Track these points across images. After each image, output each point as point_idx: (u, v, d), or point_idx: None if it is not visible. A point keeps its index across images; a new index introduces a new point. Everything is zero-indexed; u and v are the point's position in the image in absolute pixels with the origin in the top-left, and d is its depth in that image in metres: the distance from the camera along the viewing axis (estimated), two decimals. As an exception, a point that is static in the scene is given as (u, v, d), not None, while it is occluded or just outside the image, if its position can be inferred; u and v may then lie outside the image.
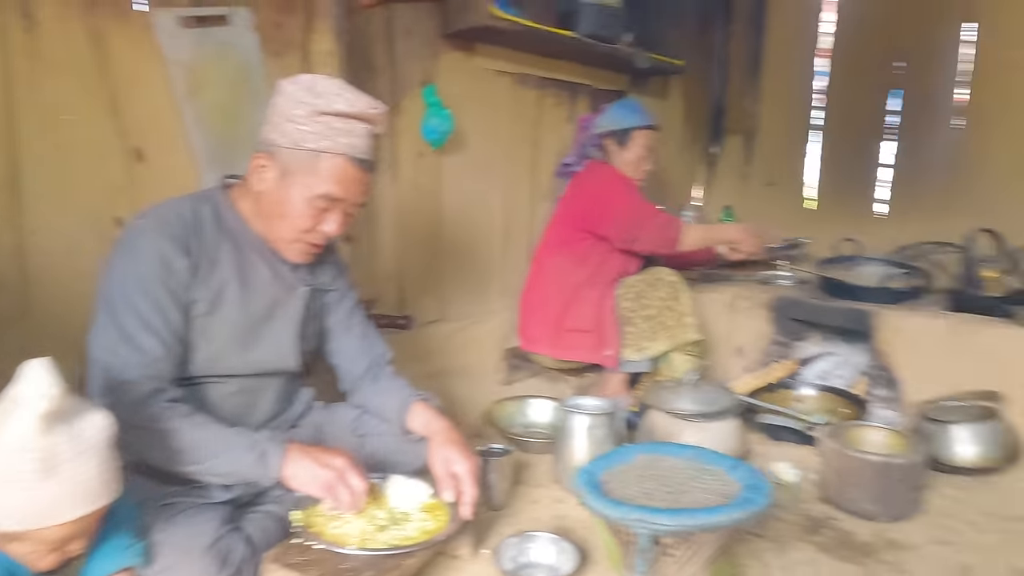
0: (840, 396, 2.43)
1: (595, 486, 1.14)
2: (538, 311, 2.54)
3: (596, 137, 2.63)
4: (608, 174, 2.55)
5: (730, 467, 1.20)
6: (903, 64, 3.20)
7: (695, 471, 1.21)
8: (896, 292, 2.58)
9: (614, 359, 2.37)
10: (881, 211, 3.34)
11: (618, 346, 2.35)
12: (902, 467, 1.69)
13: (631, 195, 2.49)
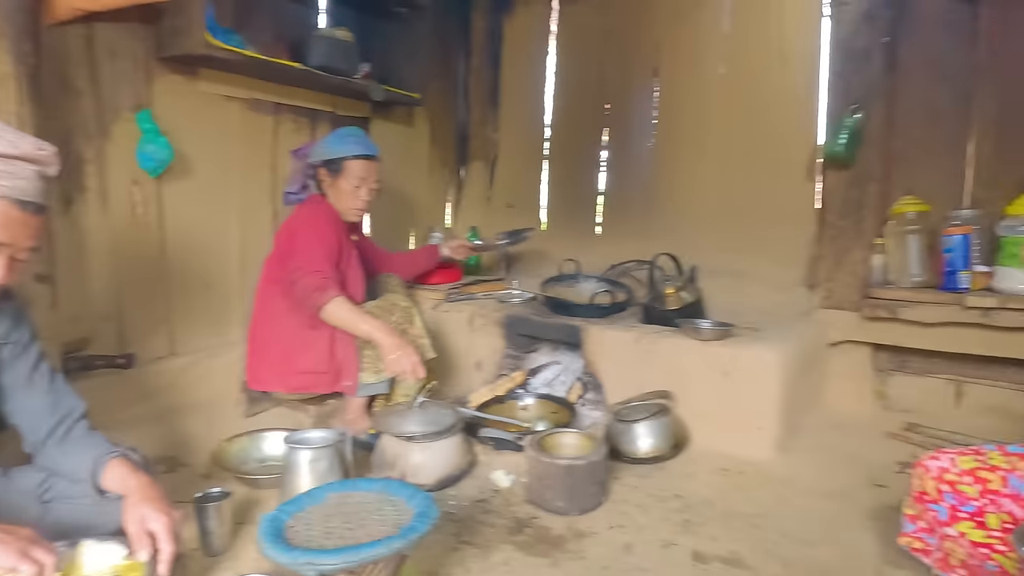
0: (556, 402, 2.76)
1: (277, 532, 1.21)
2: (266, 353, 2.49)
3: (310, 167, 2.60)
4: (307, 213, 2.49)
5: (409, 496, 1.34)
6: (609, 105, 3.71)
7: (380, 503, 1.33)
8: (602, 307, 3.00)
9: (353, 388, 2.44)
10: (599, 232, 3.82)
11: (356, 374, 2.42)
12: (584, 467, 1.99)
13: (313, 242, 2.38)
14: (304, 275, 2.30)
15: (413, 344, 2.38)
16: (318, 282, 2.28)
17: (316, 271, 2.30)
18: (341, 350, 2.40)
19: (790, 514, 2.05)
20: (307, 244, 2.36)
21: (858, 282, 2.79)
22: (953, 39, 2.73)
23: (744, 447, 2.44)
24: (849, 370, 2.90)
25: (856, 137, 2.70)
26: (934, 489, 1.46)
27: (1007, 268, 2.42)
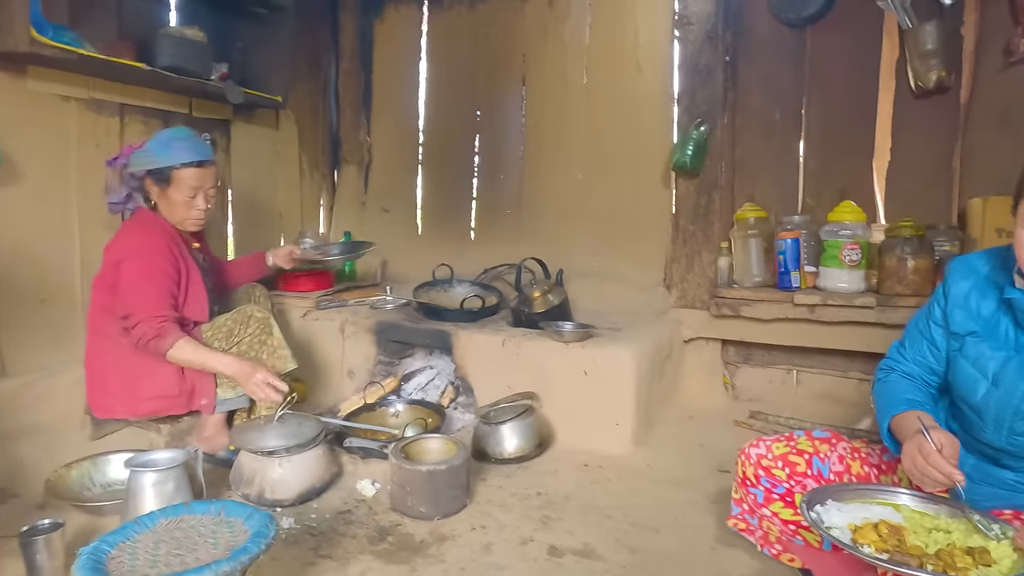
0: (427, 408, 2.78)
1: (96, 566, 1.15)
2: (106, 381, 2.30)
3: (133, 178, 2.30)
4: (135, 240, 2.24)
5: (247, 517, 1.32)
6: (480, 112, 3.77)
7: (216, 526, 1.30)
8: (473, 312, 3.05)
9: (210, 406, 2.33)
10: (473, 237, 3.88)
11: (212, 392, 2.32)
12: (446, 471, 2.02)
13: (142, 282, 2.17)
14: (137, 323, 2.12)
15: (268, 364, 2.32)
16: (154, 330, 2.12)
17: (151, 317, 2.13)
18: (192, 371, 2.27)
19: (641, 504, 2.18)
20: (135, 284, 2.16)
21: (707, 283, 3.01)
22: (784, 60, 3.00)
23: (604, 443, 2.56)
24: (702, 364, 3.12)
25: (702, 148, 2.91)
26: (753, 474, 1.59)
27: (829, 268, 2.70)
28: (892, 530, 1.10)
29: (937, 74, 2.62)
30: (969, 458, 1.30)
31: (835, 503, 1.21)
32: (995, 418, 1.21)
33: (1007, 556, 1.04)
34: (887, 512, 1.18)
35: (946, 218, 2.71)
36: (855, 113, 2.89)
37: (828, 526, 1.15)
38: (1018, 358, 1.19)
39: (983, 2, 2.61)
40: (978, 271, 1.32)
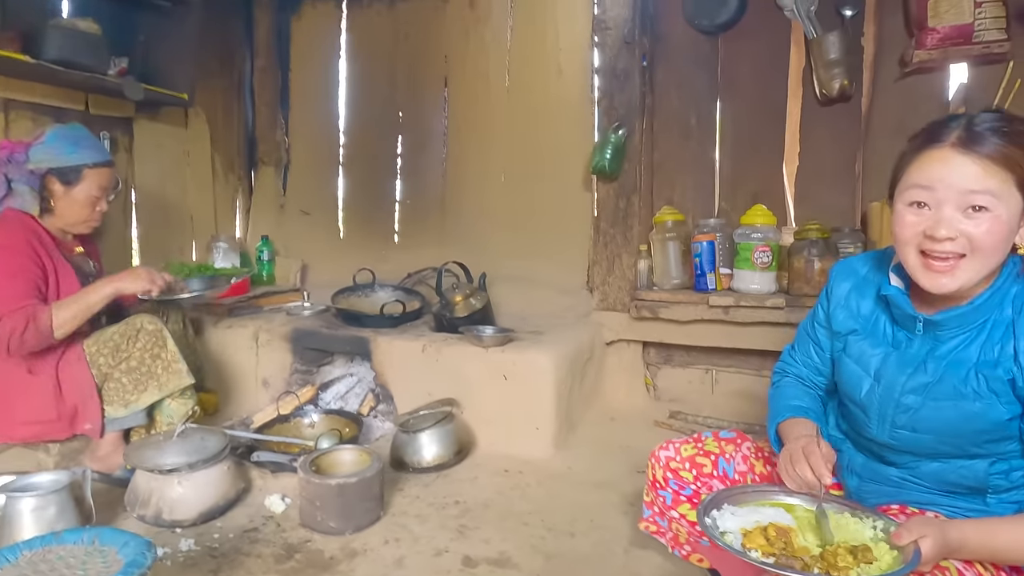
0: (345, 417, 2.69)
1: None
2: None
3: (32, 175, 2.17)
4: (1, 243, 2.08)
5: (123, 545, 1.23)
6: (402, 113, 3.70)
7: (87, 556, 1.20)
8: (394, 317, 2.98)
9: (97, 430, 2.16)
10: (397, 240, 3.80)
11: (98, 414, 2.15)
12: (357, 484, 1.96)
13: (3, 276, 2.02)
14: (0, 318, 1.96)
15: (162, 379, 2.20)
16: (23, 317, 1.97)
17: (15, 309, 1.97)
18: (72, 391, 2.10)
19: (559, 508, 2.17)
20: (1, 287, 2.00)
21: (628, 285, 3.03)
22: (699, 66, 3.06)
23: (525, 447, 2.54)
24: (623, 366, 3.14)
25: (620, 152, 2.93)
26: (662, 477, 1.60)
27: (742, 271, 2.76)
28: (780, 532, 1.12)
29: (840, 83, 2.72)
30: (859, 457, 1.34)
31: (730, 507, 1.22)
32: (879, 413, 1.23)
33: (887, 553, 1.07)
34: (779, 514, 1.20)
35: (851, 221, 2.82)
36: (766, 119, 2.97)
37: (722, 531, 1.16)
38: (896, 353, 1.22)
39: (880, 15, 2.73)
40: (858, 272, 1.35)
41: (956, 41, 2.47)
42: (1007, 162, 1.02)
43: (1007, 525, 1.11)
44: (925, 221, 1.08)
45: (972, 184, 1.03)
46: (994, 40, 2.44)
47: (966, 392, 1.12)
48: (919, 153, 1.09)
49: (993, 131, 1.04)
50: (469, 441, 2.57)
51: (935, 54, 2.52)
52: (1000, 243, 1.05)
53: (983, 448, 1.15)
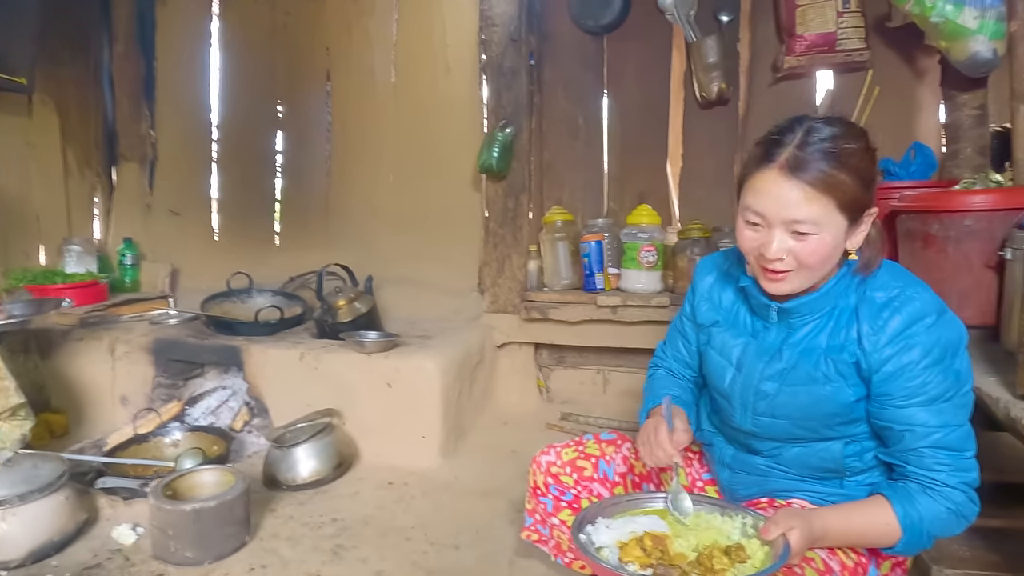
0: (213, 434, 2.47)
1: None
2: None
3: None
4: None
5: None
6: (282, 107, 3.49)
7: None
8: (270, 324, 2.78)
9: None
10: (278, 243, 3.58)
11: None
12: (216, 508, 1.77)
13: None
14: None
15: None
16: None
17: None
18: None
19: (444, 520, 2.07)
20: None
21: (518, 286, 2.98)
22: (586, 67, 3.06)
23: (410, 457, 2.42)
24: (515, 369, 3.08)
25: (508, 150, 2.88)
26: (543, 483, 1.54)
27: (629, 270, 2.77)
28: (656, 541, 1.08)
29: (718, 86, 2.79)
30: (729, 449, 1.35)
31: (604, 520, 1.17)
32: (741, 401, 1.26)
33: (759, 549, 1.05)
34: (653, 522, 1.16)
35: (730, 220, 2.85)
36: (650, 120, 3.01)
37: (598, 547, 1.11)
38: (755, 342, 1.26)
39: (754, 22, 2.83)
40: (720, 266, 1.40)
41: (822, 49, 2.59)
42: (829, 188, 1.06)
43: (860, 509, 1.16)
44: (760, 239, 1.13)
45: (795, 213, 1.07)
46: (855, 49, 2.57)
47: (817, 376, 1.17)
48: (754, 172, 1.13)
49: (821, 154, 1.06)
50: (351, 454, 2.42)
51: (803, 60, 2.63)
52: (826, 258, 1.11)
53: (836, 431, 1.20)
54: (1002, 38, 2.10)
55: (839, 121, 1.12)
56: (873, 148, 1.13)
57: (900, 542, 1.11)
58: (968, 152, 2.40)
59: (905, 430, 1.10)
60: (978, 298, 1.78)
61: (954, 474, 1.09)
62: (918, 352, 1.09)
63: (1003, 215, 1.74)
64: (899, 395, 1.10)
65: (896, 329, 1.10)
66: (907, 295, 1.12)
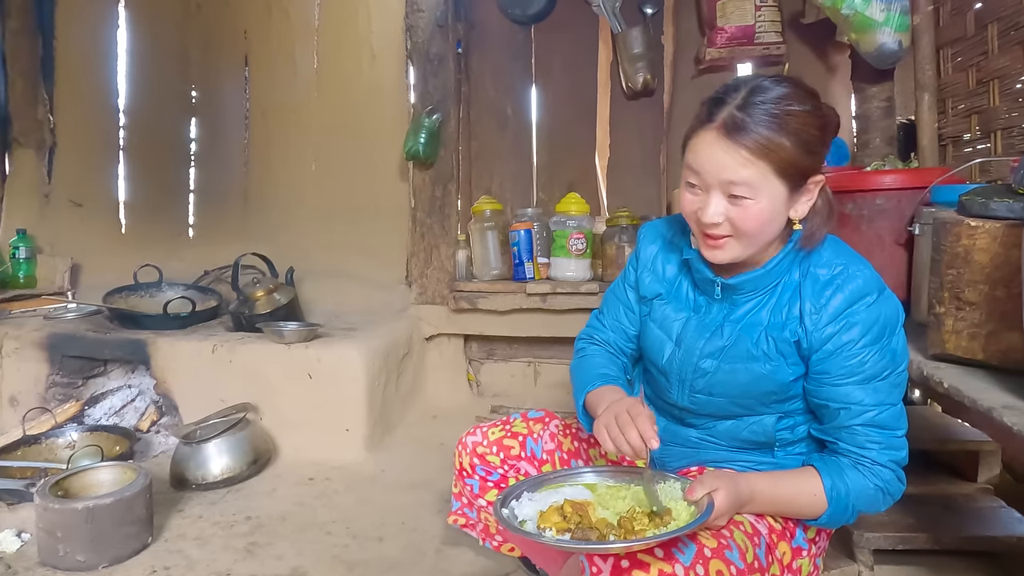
0: (115, 433, 2.29)
1: None
2: None
3: None
4: None
5: None
6: (196, 92, 3.31)
7: None
8: (181, 317, 2.61)
9: None
10: (192, 235, 3.38)
11: None
12: (111, 506, 1.62)
13: None
14: None
15: None
16: None
17: None
18: None
19: (368, 514, 1.98)
20: None
21: (447, 277, 2.91)
22: (514, 56, 3.04)
23: (333, 451, 2.31)
24: (445, 362, 3.01)
25: (435, 137, 2.82)
26: (469, 464, 1.47)
27: (558, 258, 2.75)
28: (576, 507, 1.03)
29: (644, 77, 2.82)
30: (661, 421, 1.31)
31: (529, 494, 1.12)
32: (679, 377, 1.22)
33: (686, 511, 1.02)
34: (576, 491, 1.11)
35: (657, 209, 2.92)
36: (578, 110, 3.01)
37: (521, 520, 1.06)
38: (696, 318, 1.21)
39: (677, 15, 2.88)
40: (663, 235, 1.34)
41: (741, 41, 2.66)
42: (766, 153, 1.01)
43: (789, 477, 1.14)
44: (698, 202, 1.09)
45: (730, 175, 1.03)
46: (772, 42, 2.65)
47: (757, 354, 1.14)
48: (696, 131, 1.09)
49: (763, 115, 1.02)
50: (268, 449, 2.29)
51: (724, 53, 2.69)
52: (763, 225, 1.07)
53: (771, 407, 1.17)
54: (907, 31, 2.20)
55: (788, 82, 1.07)
56: (823, 112, 1.07)
57: (825, 514, 1.10)
58: (877, 142, 2.50)
59: (841, 408, 1.09)
60: (891, 274, 1.84)
61: (884, 452, 1.08)
62: (858, 331, 1.07)
63: (911, 194, 1.80)
64: (837, 373, 1.08)
65: (838, 307, 1.08)
66: (850, 272, 1.09)
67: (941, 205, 1.66)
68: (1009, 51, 1.89)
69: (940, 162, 2.24)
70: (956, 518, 1.61)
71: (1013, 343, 1.25)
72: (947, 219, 1.36)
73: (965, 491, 1.73)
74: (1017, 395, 1.14)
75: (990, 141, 2.02)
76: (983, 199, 1.32)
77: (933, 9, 2.24)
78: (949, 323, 1.35)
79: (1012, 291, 1.24)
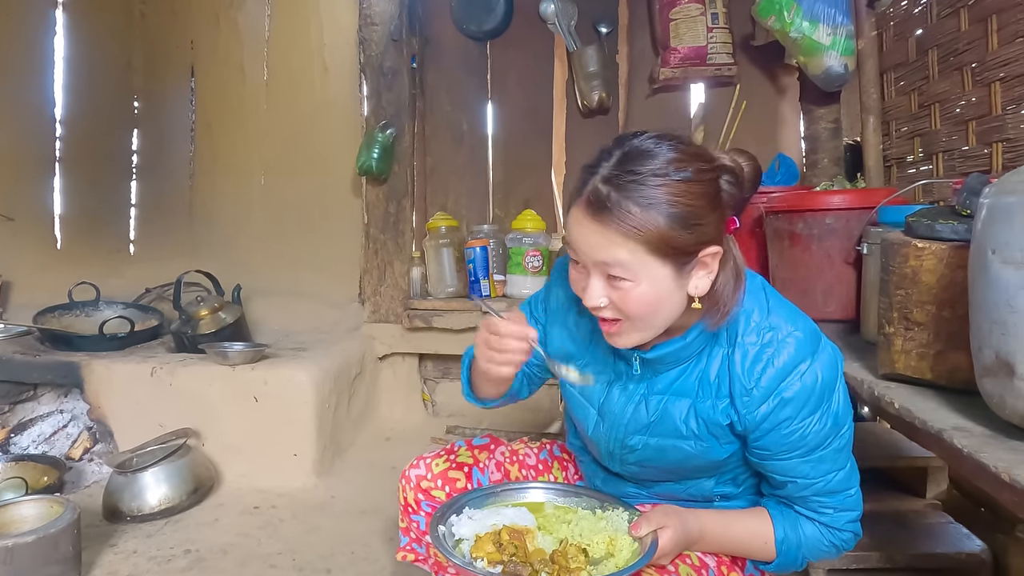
0: (42, 463, 2.15)
1: None
2: None
3: None
4: None
5: None
6: (138, 102, 3.19)
7: None
8: (118, 338, 2.48)
9: None
10: (134, 251, 3.24)
11: None
12: (34, 545, 1.50)
13: None
14: None
15: None
16: None
17: None
18: None
19: (317, 543, 1.89)
20: None
21: (401, 294, 2.85)
22: (470, 72, 3.02)
23: (280, 478, 2.22)
24: (399, 382, 2.94)
25: (389, 152, 2.77)
26: (414, 500, 1.39)
27: (514, 275, 2.72)
28: (514, 535, 0.98)
29: (599, 95, 2.83)
30: (600, 473, 1.25)
31: (470, 510, 1.07)
32: (608, 450, 1.14)
33: (628, 547, 0.99)
34: (520, 514, 1.07)
35: (613, 228, 2.92)
36: (534, 127, 3.00)
37: (458, 538, 1.00)
38: (619, 384, 1.10)
39: (631, 35, 2.90)
40: None
41: (694, 62, 2.69)
42: (633, 233, 0.89)
43: (741, 520, 1.09)
44: (582, 281, 0.98)
45: (602, 255, 0.92)
46: (724, 63, 2.69)
47: (686, 434, 1.05)
48: (569, 206, 0.99)
49: (629, 189, 0.89)
50: (210, 477, 2.18)
51: (677, 72, 2.72)
52: (651, 308, 0.95)
53: (707, 473, 1.12)
54: (852, 54, 2.26)
55: (668, 144, 0.93)
56: (708, 176, 0.93)
57: (773, 564, 1.06)
58: (825, 162, 2.56)
59: (788, 481, 1.04)
60: (839, 293, 1.87)
61: (839, 515, 1.04)
62: (794, 407, 0.98)
63: (859, 213, 1.83)
64: (778, 450, 1.01)
65: (770, 385, 0.98)
66: (780, 340, 0.99)
67: (887, 225, 1.69)
68: (949, 76, 1.95)
69: (885, 182, 2.30)
70: (907, 535, 1.63)
71: (960, 363, 1.26)
72: (895, 240, 1.38)
73: (915, 507, 1.75)
74: (966, 416, 1.15)
75: (932, 163, 2.08)
76: (929, 221, 1.34)
77: (877, 34, 2.31)
78: (898, 343, 1.36)
79: (958, 312, 1.26)
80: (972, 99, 1.85)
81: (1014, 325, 0.97)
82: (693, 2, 2.65)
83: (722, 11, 2.66)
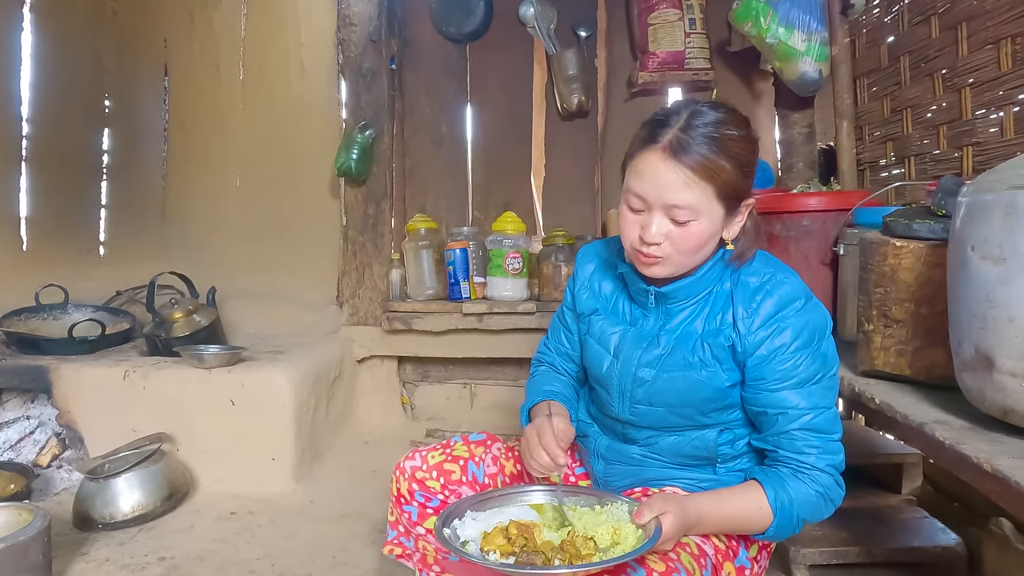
0: (9, 470, 2.08)
1: None
2: None
3: None
4: None
5: None
6: (109, 101, 3.12)
7: None
8: (88, 341, 2.42)
9: None
10: (103, 253, 3.17)
11: None
12: (3, 553, 1.45)
13: None
14: None
15: None
16: None
17: None
18: None
19: (296, 548, 1.86)
20: None
21: (380, 297, 2.83)
22: (450, 74, 3.02)
23: (257, 483, 2.18)
24: (378, 385, 2.92)
25: (368, 153, 2.75)
26: (407, 490, 1.40)
27: (495, 278, 2.72)
28: (521, 529, 1.00)
29: (578, 98, 2.85)
30: (604, 439, 1.31)
31: (472, 513, 1.08)
32: (619, 389, 1.23)
33: (633, 535, 1.00)
34: (523, 511, 1.08)
35: (592, 229, 2.94)
36: (514, 130, 3.01)
37: (463, 540, 1.01)
38: (633, 330, 1.24)
39: (610, 39, 2.93)
40: (600, 255, 1.37)
41: (672, 66, 2.73)
42: (708, 174, 1.05)
43: (734, 494, 1.14)
44: (641, 221, 1.11)
45: (675, 198, 1.06)
46: (701, 68, 2.73)
47: (693, 361, 1.16)
48: (637, 153, 1.11)
49: (704, 138, 1.05)
50: (185, 482, 2.13)
51: (656, 76, 2.75)
52: (701, 244, 1.11)
53: (710, 417, 1.19)
54: (826, 60, 2.31)
55: (724, 107, 1.11)
56: (755, 138, 1.12)
57: (771, 526, 1.11)
58: (800, 166, 2.61)
59: (779, 413, 1.11)
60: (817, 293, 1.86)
61: (822, 456, 1.10)
62: (789, 334, 1.10)
63: (835, 215, 1.87)
64: (772, 379, 1.11)
65: (769, 312, 1.11)
66: (778, 279, 1.14)
67: (863, 227, 1.73)
68: (920, 82, 2.00)
69: (859, 186, 2.35)
70: (885, 530, 1.66)
71: (937, 359, 1.29)
72: (874, 239, 1.41)
73: (891, 503, 1.79)
74: (945, 409, 1.18)
75: (904, 166, 2.13)
76: (906, 220, 1.37)
77: (850, 41, 2.36)
78: (878, 340, 1.39)
79: (935, 309, 1.29)
80: (943, 104, 1.90)
81: (993, 319, 1.00)
82: (671, 7, 2.69)
83: (699, 17, 2.70)
